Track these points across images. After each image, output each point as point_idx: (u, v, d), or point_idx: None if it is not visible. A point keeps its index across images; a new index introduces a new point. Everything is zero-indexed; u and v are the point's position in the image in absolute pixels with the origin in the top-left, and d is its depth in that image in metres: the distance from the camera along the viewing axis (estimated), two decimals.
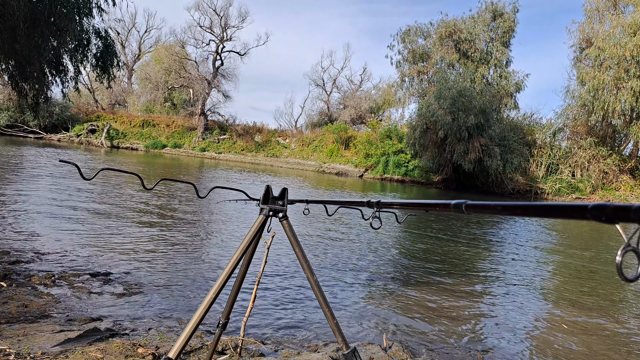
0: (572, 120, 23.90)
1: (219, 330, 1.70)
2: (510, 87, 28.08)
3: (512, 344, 3.48)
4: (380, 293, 4.42)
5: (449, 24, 28.52)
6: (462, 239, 8.21)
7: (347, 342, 1.40)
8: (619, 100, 20.73)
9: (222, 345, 2.72)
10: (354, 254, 6.06)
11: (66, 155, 18.56)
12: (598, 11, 22.93)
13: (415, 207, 0.89)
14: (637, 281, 0.43)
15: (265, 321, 3.39)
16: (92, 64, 9.63)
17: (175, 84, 33.48)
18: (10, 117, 27.81)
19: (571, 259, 7.46)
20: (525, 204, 0.54)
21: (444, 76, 24.21)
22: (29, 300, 3.11)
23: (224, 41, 32.04)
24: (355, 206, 1.26)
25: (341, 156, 28.34)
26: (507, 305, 4.45)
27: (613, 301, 5.01)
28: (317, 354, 2.82)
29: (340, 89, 38.81)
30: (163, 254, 4.94)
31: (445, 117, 21.40)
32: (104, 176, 11.04)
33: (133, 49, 40.32)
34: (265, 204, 1.42)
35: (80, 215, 6.43)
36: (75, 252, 4.56)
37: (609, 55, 20.75)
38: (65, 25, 7.89)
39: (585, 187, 22.22)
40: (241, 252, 1.39)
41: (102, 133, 29.41)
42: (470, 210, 0.65)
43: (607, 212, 0.41)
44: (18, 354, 2.21)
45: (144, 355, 2.40)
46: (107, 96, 37.12)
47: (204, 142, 30.55)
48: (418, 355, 3.05)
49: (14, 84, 8.67)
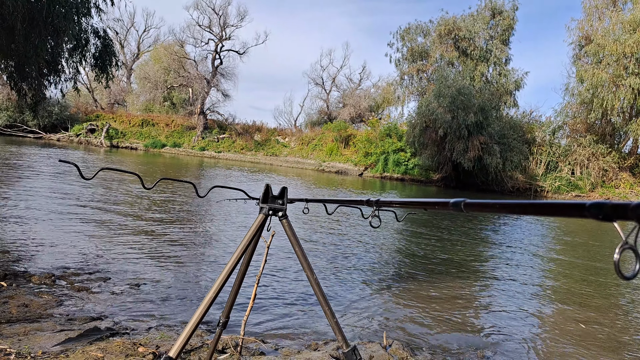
0: (572, 117, 23.91)
1: (219, 329, 1.70)
2: (510, 85, 28.08)
3: (512, 343, 3.49)
4: (380, 291, 4.43)
5: (449, 22, 28.50)
6: (462, 238, 8.22)
7: (347, 340, 1.40)
8: (618, 97, 20.73)
9: (223, 344, 2.72)
10: (354, 252, 6.06)
11: (66, 155, 18.54)
12: (597, 8, 22.92)
13: (415, 206, 0.89)
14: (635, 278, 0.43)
15: (265, 320, 3.40)
16: (90, 63, 9.62)
17: (175, 83, 33.45)
18: (10, 117, 27.77)
19: (572, 257, 7.47)
20: (523, 202, 0.54)
21: (443, 74, 24.19)
22: (29, 299, 3.11)
23: (223, 40, 32.00)
24: (355, 205, 1.26)
25: (341, 155, 28.33)
26: (508, 304, 4.46)
27: (614, 300, 5.02)
28: (318, 352, 2.82)
29: (339, 88, 38.79)
30: (163, 253, 4.94)
31: (444, 115, 21.40)
32: (104, 176, 11.03)
33: (132, 49, 40.29)
34: (265, 203, 1.42)
35: (80, 215, 6.43)
36: (75, 251, 4.56)
37: (608, 52, 20.74)
38: (64, 25, 7.87)
39: (585, 184, 22.24)
40: (241, 251, 1.39)
41: (102, 132, 29.38)
42: (469, 208, 0.65)
43: (605, 210, 0.41)
44: (19, 353, 2.21)
45: (144, 355, 2.41)
46: (106, 96, 37.06)
47: (203, 142, 30.53)
48: (418, 353, 3.06)
49: (13, 83, 8.66)
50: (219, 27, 31.79)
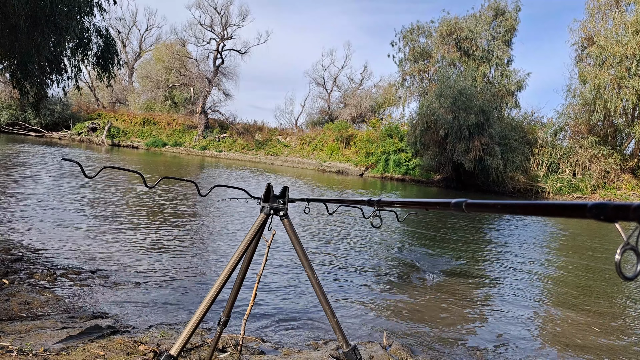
0: (574, 119, 23.85)
1: (219, 328, 1.71)
2: (512, 85, 28.02)
3: (513, 344, 3.48)
4: (380, 291, 4.43)
5: (451, 22, 28.45)
6: (463, 238, 8.22)
7: (347, 340, 1.40)
8: (620, 99, 20.68)
9: (223, 342, 2.73)
10: (355, 252, 6.07)
11: (68, 153, 18.58)
12: (600, 9, 22.85)
13: (416, 206, 0.89)
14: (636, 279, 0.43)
15: (265, 319, 3.40)
16: (92, 62, 9.64)
17: (176, 82, 33.48)
18: (12, 115, 27.84)
19: (574, 258, 7.46)
20: (524, 202, 0.54)
21: (445, 75, 24.17)
22: (31, 297, 3.12)
23: (224, 39, 32.01)
24: (356, 205, 1.26)
25: (341, 155, 28.32)
26: (509, 305, 4.46)
27: (615, 302, 5.02)
28: (318, 351, 2.82)
29: (340, 88, 38.77)
30: (164, 251, 4.95)
31: (446, 116, 21.38)
32: (106, 174, 11.05)
33: (134, 47, 40.35)
34: (266, 202, 1.42)
35: (82, 213, 6.44)
36: (76, 249, 4.57)
37: (611, 53, 20.69)
38: (66, 23, 7.89)
39: (586, 186, 22.19)
40: (242, 250, 1.40)
41: (103, 131, 29.43)
42: (470, 209, 0.65)
43: (606, 211, 0.42)
44: (20, 350, 2.22)
45: (145, 353, 2.41)
46: (108, 94, 37.11)
47: (204, 141, 30.56)
48: (418, 353, 3.06)
49: (15, 82, 8.68)
50: (221, 27, 31.83)
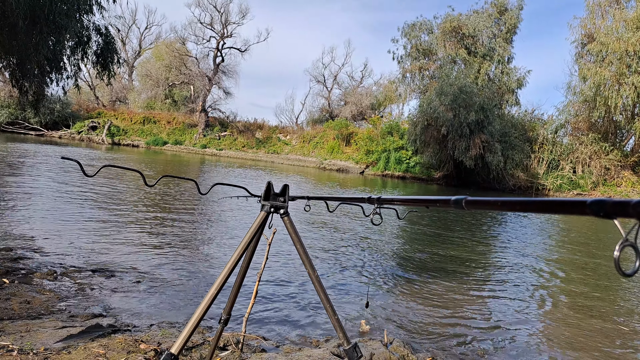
0: (574, 116, 23.82)
1: (220, 326, 1.71)
2: (512, 83, 28.00)
3: (514, 341, 3.49)
4: (381, 289, 4.44)
5: (453, 19, 28.40)
6: (464, 236, 8.22)
7: (348, 337, 1.40)
8: (620, 96, 20.64)
9: (224, 341, 2.73)
10: (355, 250, 6.07)
11: (67, 152, 18.58)
12: (600, 6, 22.78)
13: (416, 203, 0.89)
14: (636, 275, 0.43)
15: (266, 317, 3.41)
16: (92, 61, 9.61)
17: (176, 81, 33.46)
18: (11, 114, 27.84)
19: (574, 255, 7.46)
20: (524, 199, 0.54)
21: (446, 72, 24.13)
22: (31, 296, 3.13)
23: (224, 37, 31.96)
24: (356, 202, 1.26)
25: (342, 153, 28.31)
26: (510, 303, 4.46)
27: (615, 298, 5.02)
28: (319, 349, 2.83)
29: (341, 86, 38.74)
30: (165, 250, 4.95)
31: (446, 114, 21.36)
32: (106, 173, 11.05)
33: (133, 46, 40.30)
34: (267, 200, 1.42)
35: (82, 212, 6.44)
36: (77, 248, 4.58)
37: (611, 50, 20.63)
38: (65, 22, 7.87)
39: (587, 183, 22.18)
40: (242, 248, 1.40)
41: (103, 130, 29.42)
42: (470, 206, 0.65)
43: (606, 208, 0.42)
44: (21, 349, 2.22)
45: (146, 351, 2.42)
46: (108, 93, 37.10)
47: (204, 139, 30.55)
48: (419, 351, 3.07)
49: (15, 81, 8.66)
50: (221, 25, 31.78)
